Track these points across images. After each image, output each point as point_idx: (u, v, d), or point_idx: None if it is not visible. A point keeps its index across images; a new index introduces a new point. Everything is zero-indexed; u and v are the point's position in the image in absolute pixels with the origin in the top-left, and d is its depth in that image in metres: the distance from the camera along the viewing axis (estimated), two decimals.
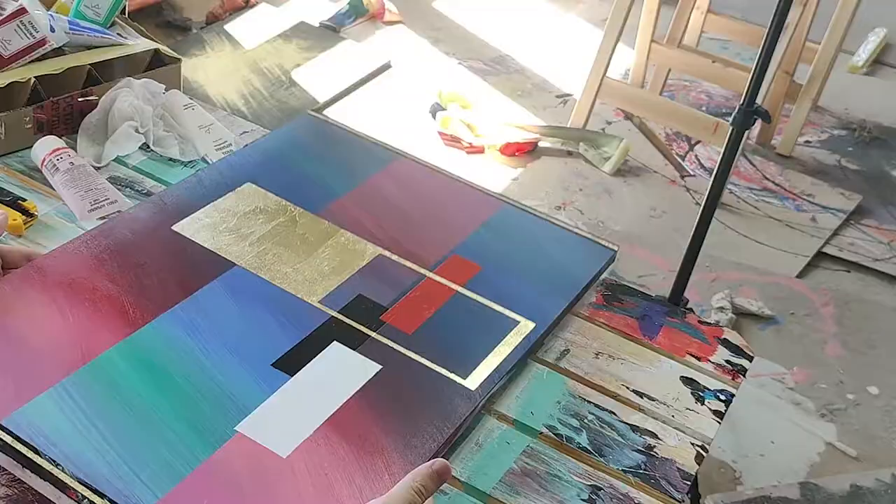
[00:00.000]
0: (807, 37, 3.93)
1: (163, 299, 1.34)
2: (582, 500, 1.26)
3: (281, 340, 1.31)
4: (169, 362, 1.24)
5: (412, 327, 1.37)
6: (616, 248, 1.63)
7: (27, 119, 1.75)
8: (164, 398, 1.19)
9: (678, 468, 1.34)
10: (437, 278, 1.48)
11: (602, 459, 1.33)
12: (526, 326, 1.42)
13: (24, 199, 1.61)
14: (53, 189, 1.67)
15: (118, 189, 1.68)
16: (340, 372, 1.28)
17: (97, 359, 1.22)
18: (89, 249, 1.41)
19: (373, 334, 1.35)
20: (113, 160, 1.77)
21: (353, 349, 1.32)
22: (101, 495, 1.06)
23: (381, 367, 1.30)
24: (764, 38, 2.16)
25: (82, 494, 1.06)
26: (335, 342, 1.32)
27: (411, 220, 1.59)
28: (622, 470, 1.32)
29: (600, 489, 1.28)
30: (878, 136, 4.36)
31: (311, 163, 1.69)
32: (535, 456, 1.32)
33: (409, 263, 1.49)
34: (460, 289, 1.47)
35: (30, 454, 1.09)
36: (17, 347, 1.22)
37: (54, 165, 1.67)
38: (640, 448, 1.36)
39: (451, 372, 1.32)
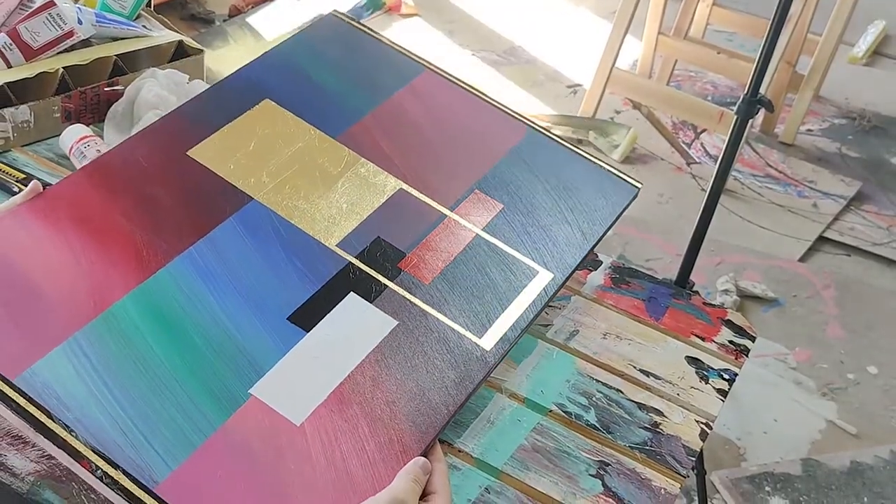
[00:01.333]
0: (808, 29, 3.92)
1: (177, 237, 1.25)
2: (590, 475, 1.26)
3: (297, 290, 1.24)
4: (183, 314, 1.18)
5: (430, 276, 1.31)
6: (640, 185, 1.56)
7: (55, 108, 1.75)
8: (178, 355, 1.13)
9: (683, 445, 1.33)
10: (458, 219, 1.40)
11: (610, 436, 1.33)
12: (544, 278, 1.35)
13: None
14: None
15: None
16: (356, 328, 1.23)
17: (110, 309, 1.15)
18: (102, 178, 1.31)
19: (390, 284, 1.29)
20: None
21: (370, 301, 1.26)
22: (115, 465, 1.02)
23: (396, 322, 1.24)
24: (767, 30, 2.15)
25: (96, 464, 1.02)
26: (352, 293, 1.26)
27: (434, 147, 1.50)
28: (629, 446, 1.32)
29: (608, 465, 1.28)
30: (878, 125, 4.35)
31: (332, 75, 1.56)
32: (545, 433, 1.32)
33: (429, 201, 1.41)
34: (480, 231, 1.39)
35: (42, 417, 1.04)
36: (26, 294, 1.15)
37: (82, 153, 1.67)
38: (646, 425, 1.35)
39: (466, 330, 1.26)
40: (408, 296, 1.28)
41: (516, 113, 1.60)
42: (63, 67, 1.74)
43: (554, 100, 4.33)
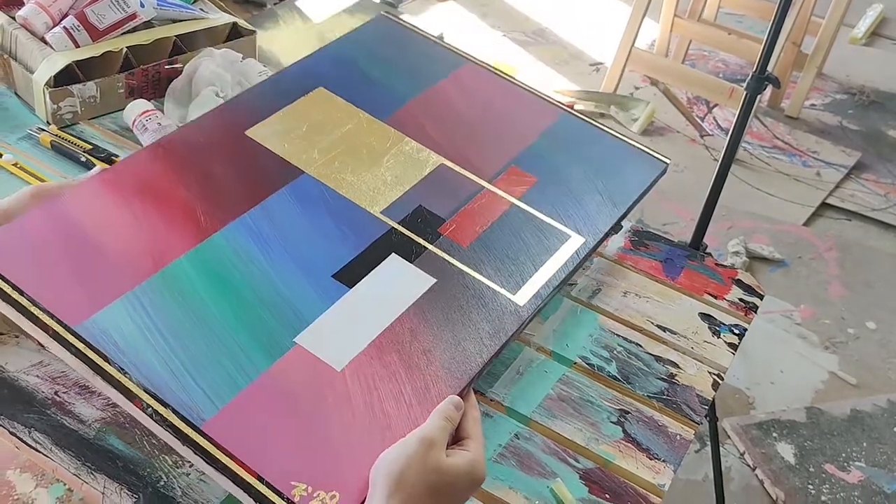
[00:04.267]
0: (812, 12, 3.88)
1: (233, 206, 1.26)
2: (611, 422, 1.26)
3: (342, 251, 1.24)
4: (235, 271, 1.18)
5: (468, 240, 1.30)
6: (668, 162, 1.55)
7: (119, 85, 1.74)
8: (228, 307, 1.13)
9: (697, 394, 1.33)
10: (495, 190, 1.39)
11: (629, 386, 1.33)
12: (576, 241, 1.34)
13: (117, 156, 1.61)
14: (143, 147, 1.66)
15: None
16: (397, 284, 1.22)
17: (168, 266, 1.16)
18: (165, 154, 1.32)
19: (430, 247, 1.28)
20: None
21: (410, 262, 1.25)
22: (165, 404, 1.02)
23: (435, 280, 1.23)
24: (774, 13, 2.12)
25: (147, 403, 1.02)
26: (393, 254, 1.25)
27: (474, 129, 1.50)
28: (647, 396, 1.32)
29: (628, 413, 1.28)
30: (876, 100, 4.33)
31: (381, 66, 1.58)
32: (570, 383, 1.31)
33: (468, 174, 1.41)
34: (516, 201, 1.38)
35: (100, 361, 1.05)
36: (92, 254, 1.16)
37: (143, 126, 1.67)
38: (663, 376, 1.35)
39: (501, 287, 1.25)
40: (446, 257, 1.27)
41: (550, 97, 1.59)
42: (127, 47, 1.73)
43: (578, 77, 4.31)
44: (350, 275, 1.21)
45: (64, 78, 1.68)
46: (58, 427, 1.16)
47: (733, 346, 1.43)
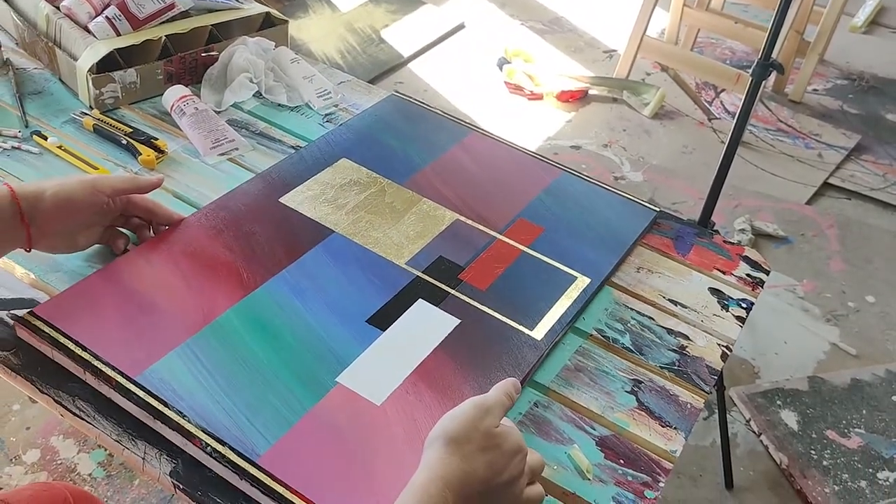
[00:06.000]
0: (814, 1, 3.86)
1: (272, 264, 1.35)
2: (626, 391, 1.26)
3: (374, 299, 1.31)
4: (278, 321, 1.25)
5: (485, 284, 1.37)
6: (657, 210, 1.61)
7: (158, 71, 1.74)
8: (274, 353, 1.20)
9: (706, 365, 1.33)
10: (506, 240, 1.47)
11: (642, 357, 1.33)
12: (583, 282, 1.41)
13: (156, 139, 1.60)
14: (181, 130, 1.66)
15: (235, 130, 1.68)
16: (425, 326, 1.28)
17: (217, 319, 1.23)
18: (208, 221, 1.41)
19: (452, 291, 1.35)
20: (231, 105, 1.77)
21: (436, 305, 1.32)
22: (222, 443, 1.07)
23: (459, 321, 1.30)
24: (778, 3, 2.10)
25: (205, 442, 1.08)
26: (420, 299, 1.33)
27: (483, 188, 1.59)
28: (659, 366, 1.32)
29: (641, 382, 1.28)
30: (875, 86, 4.33)
31: (396, 138, 1.69)
32: (587, 354, 1.32)
33: (481, 227, 1.49)
34: (526, 249, 1.46)
35: (160, 406, 1.11)
36: (148, 312, 1.23)
37: (181, 110, 1.67)
38: (674, 348, 1.35)
39: (519, 324, 1.31)
40: (467, 300, 1.34)
41: (549, 159, 1.69)
42: (165, 36, 1.73)
43: (592, 63, 4.30)
44: (382, 319, 1.28)
45: (106, 65, 1.68)
46: (100, 395, 1.15)
47: (741, 319, 1.43)
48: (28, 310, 1.22)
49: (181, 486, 1.08)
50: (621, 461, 1.16)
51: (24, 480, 2.01)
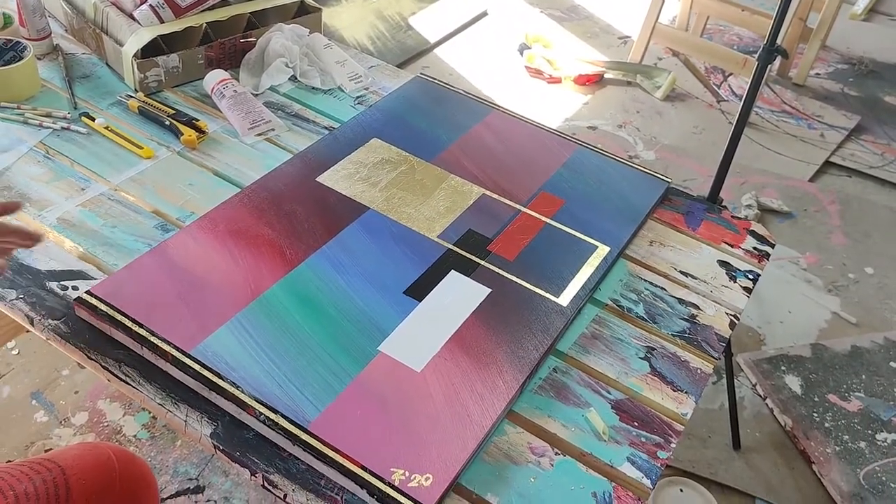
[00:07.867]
0: None
1: (313, 240, 1.36)
2: (639, 357, 1.27)
3: (409, 271, 1.32)
4: (321, 294, 1.26)
5: (513, 254, 1.38)
6: (669, 181, 1.61)
7: (199, 56, 1.73)
8: (318, 325, 1.21)
9: (715, 333, 1.33)
10: (530, 212, 1.48)
11: (655, 325, 1.33)
12: (603, 250, 1.41)
13: (198, 120, 1.60)
14: (221, 111, 1.66)
15: (272, 111, 1.68)
16: (458, 295, 1.30)
17: (263, 294, 1.25)
18: (251, 201, 1.43)
19: (482, 262, 1.36)
20: (268, 89, 1.77)
21: (468, 276, 1.33)
22: (275, 411, 1.08)
23: (490, 290, 1.31)
24: None
25: (259, 411, 1.08)
26: (453, 270, 1.34)
27: (506, 164, 1.60)
28: (671, 334, 1.32)
29: (654, 349, 1.28)
30: (874, 70, 4.30)
31: (423, 118, 1.70)
32: (602, 323, 1.32)
33: (506, 200, 1.50)
34: (549, 220, 1.47)
35: (215, 378, 1.12)
36: (198, 288, 1.24)
37: (221, 93, 1.67)
38: (685, 317, 1.35)
39: (546, 292, 1.32)
40: (497, 270, 1.35)
41: (566, 134, 1.71)
42: (206, 23, 1.73)
43: (607, 49, 4.28)
44: (418, 290, 1.30)
45: (150, 50, 1.68)
46: (145, 361, 1.15)
47: (748, 290, 1.43)
48: (84, 290, 1.23)
49: (221, 447, 1.08)
50: (635, 423, 1.16)
51: (73, 441, 2.02)
